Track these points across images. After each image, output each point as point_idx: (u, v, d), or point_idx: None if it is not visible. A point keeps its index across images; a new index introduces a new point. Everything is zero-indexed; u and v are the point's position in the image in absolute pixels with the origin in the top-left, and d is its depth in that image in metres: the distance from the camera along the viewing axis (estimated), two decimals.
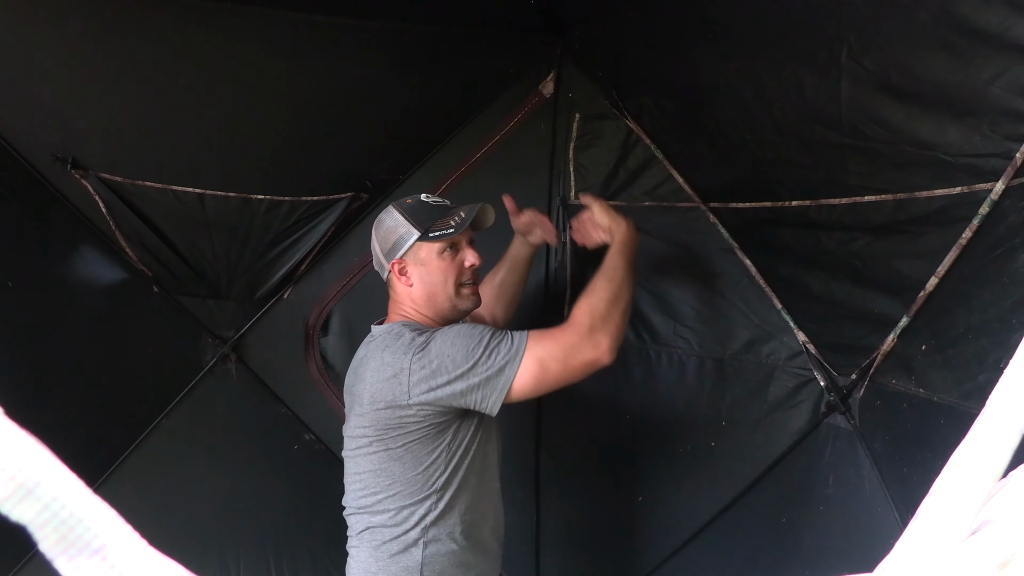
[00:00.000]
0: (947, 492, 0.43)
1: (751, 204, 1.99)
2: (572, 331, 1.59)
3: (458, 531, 1.66)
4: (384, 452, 1.61)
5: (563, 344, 1.57)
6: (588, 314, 1.60)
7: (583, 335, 1.58)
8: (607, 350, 1.58)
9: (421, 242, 1.68)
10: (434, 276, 1.70)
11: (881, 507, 1.72)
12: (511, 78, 2.41)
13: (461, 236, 1.71)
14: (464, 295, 1.73)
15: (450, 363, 1.53)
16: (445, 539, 1.65)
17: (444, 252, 1.69)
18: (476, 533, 1.71)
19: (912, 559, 0.42)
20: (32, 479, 0.34)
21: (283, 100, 2.15)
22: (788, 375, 2.05)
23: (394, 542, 1.64)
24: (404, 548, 1.63)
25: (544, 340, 1.58)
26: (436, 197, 1.77)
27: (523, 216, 2.06)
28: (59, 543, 0.34)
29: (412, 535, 1.63)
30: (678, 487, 2.32)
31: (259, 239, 2.35)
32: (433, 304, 1.72)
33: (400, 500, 1.63)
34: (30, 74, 1.94)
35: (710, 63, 1.87)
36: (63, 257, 2.23)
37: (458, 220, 1.69)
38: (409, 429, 1.59)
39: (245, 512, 2.50)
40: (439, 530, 1.64)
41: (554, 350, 1.56)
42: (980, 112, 1.31)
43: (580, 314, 1.61)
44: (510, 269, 2.14)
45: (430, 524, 1.63)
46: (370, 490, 1.65)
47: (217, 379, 2.46)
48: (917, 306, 1.61)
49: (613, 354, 1.59)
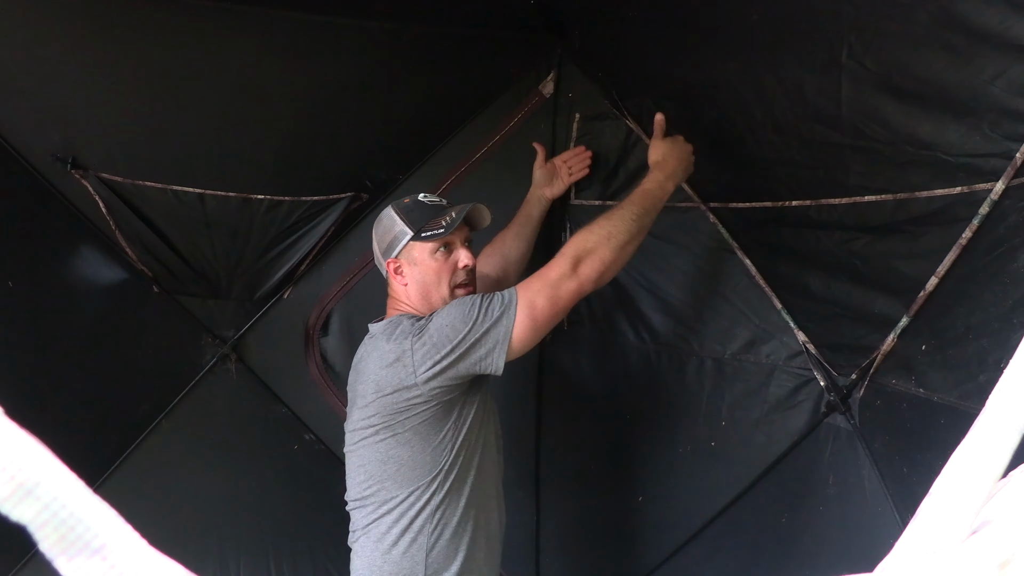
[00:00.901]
0: (947, 492, 0.43)
1: (751, 204, 1.98)
2: (556, 265, 1.64)
3: (462, 516, 1.66)
4: (391, 439, 1.63)
5: (546, 279, 1.62)
6: (574, 246, 1.65)
7: (565, 268, 1.62)
8: (589, 279, 1.63)
9: (414, 242, 1.69)
10: (427, 276, 1.71)
11: (881, 507, 1.72)
12: (511, 78, 2.41)
13: (454, 236, 1.71)
14: (459, 296, 1.73)
15: (450, 332, 1.56)
16: (450, 525, 1.65)
17: (437, 252, 1.70)
18: (480, 518, 1.71)
19: (912, 559, 0.42)
20: (32, 479, 0.34)
21: (283, 100, 2.14)
22: (788, 375, 2.04)
23: (397, 532, 1.63)
24: (407, 538, 1.63)
25: (531, 282, 1.64)
26: (434, 197, 1.77)
27: (549, 164, 2.19)
28: (59, 543, 0.34)
29: (417, 523, 1.63)
30: (678, 487, 2.32)
31: (259, 239, 2.35)
32: (428, 303, 1.73)
33: (407, 485, 1.63)
34: (30, 74, 1.93)
35: (710, 63, 1.87)
36: (63, 257, 2.22)
37: (449, 220, 1.69)
38: (418, 411, 1.60)
39: (245, 512, 2.49)
40: (443, 515, 1.64)
41: (541, 287, 1.61)
42: (980, 112, 1.31)
43: (568, 247, 1.66)
44: (522, 225, 2.20)
45: (435, 509, 1.63)
46: (375, 479, 1.66)
47: (217, 379, 2.45)
48: (917, 306, 1.61)
49: (597, 283, 1.65)
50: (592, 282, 1.64)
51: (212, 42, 2.02)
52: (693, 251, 2.19)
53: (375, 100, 2.25)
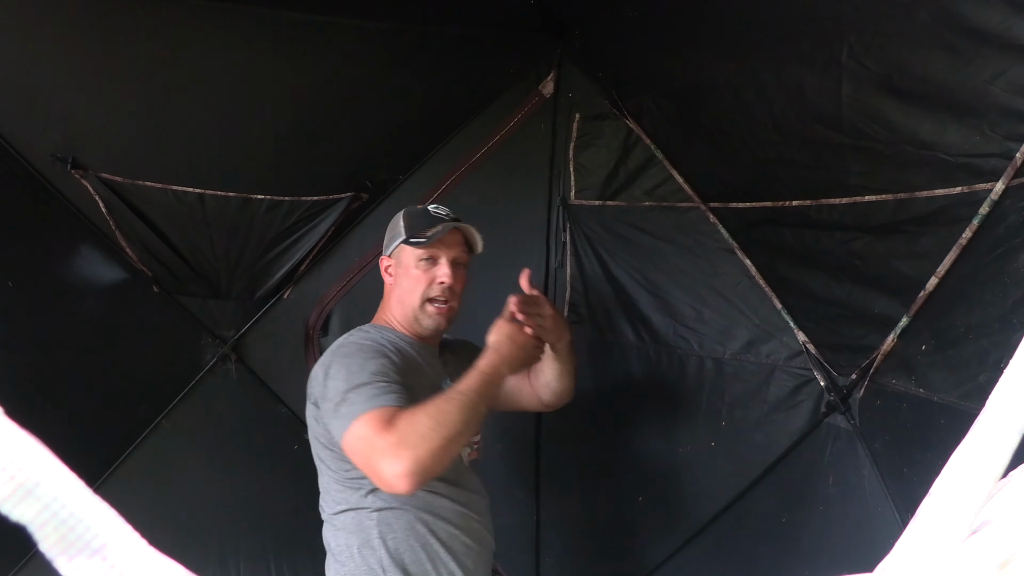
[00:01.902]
0: (947, 492, 0.43)
1: (751, 204, 1.98)
2: (387, 434, 1.37)
3: (411, 527, 1.58)
4: (317, 443, 1.63)
5: (372, 442, 1.39)
6: (409, 423, 1.38)
7: (388, 445, 1.36)
8: (404, 475, 1.34)
9: (404, 245, 1.69)
10: (407, 282, 1.69)
11: (881, 507, 1.72)
12: (511, 78, 2.41)
13: (441, 251, 1.67)
14: (428, 312, 1.68)
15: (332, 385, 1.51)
16: (400, 538, 1.57)
17: (421, 262, 1.68)
18: (439, 525, 1.60)
19: (912, 559, 0.42)
20: (32, 479, 0.34)
21: (283, 100, 2.15)
22: (788, 375, 2.04)
23: (349, 532, 1.60)
24: (360, 532, 1.58)
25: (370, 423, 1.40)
26: (442, 210, 1.74)
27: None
28: (59, 543, 0.34)
29: (362, 515, 1.58)
30: (678, 487, 2.32)
31: (259, 239, 2.35)
32: (402, 308, 1.71)
33: (341, 485, 1.61)
34: (30, 74, 1.94)
35: (710, 63, 1.87)
36: (63, 257, 2.22)
37: (434, 231, 1.65)
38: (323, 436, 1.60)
39: (245, 512, 2.49)
40: (389, 527, 1.57)
41: (365, 443, 1.40)
42: (980, 112, 1.31)
43: (403, 420, 1.39)
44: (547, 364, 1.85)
45: (376, 523, 1.57)
46: (324, 491, 1.66)
47: (217, 379, 2.45)
48: (917, 306, 1.61)
49: (412, 483, 1.34)
50: (407, 479, 1.34)
51: (212, 42, 2.02)
52: (693, 251, 2.19)
53: (375, 100, 2.25)
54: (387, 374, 1.51)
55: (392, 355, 1.59)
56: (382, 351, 1.59)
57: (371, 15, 2.07)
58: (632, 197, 2.30)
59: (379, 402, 1.43)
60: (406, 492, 1.37)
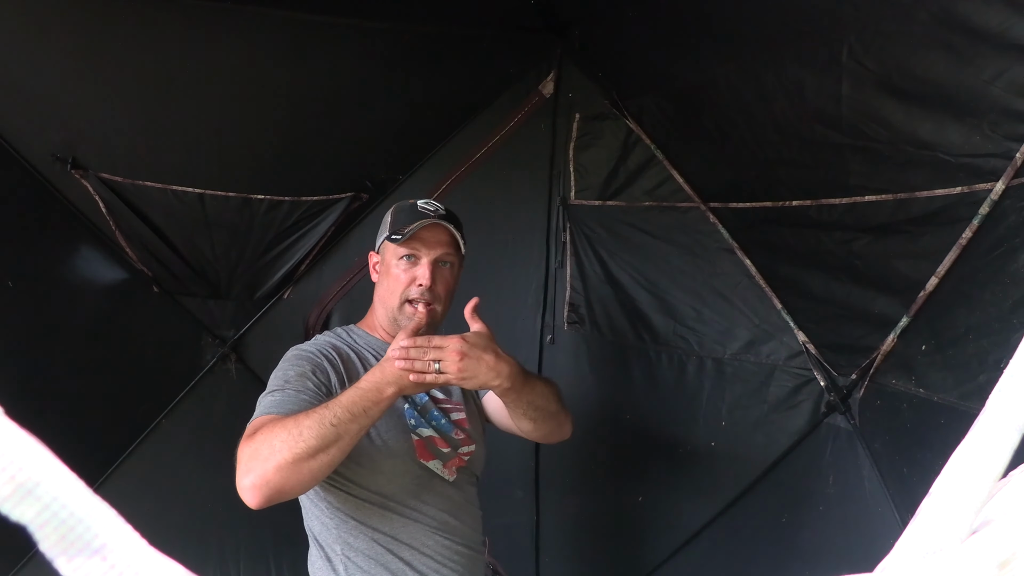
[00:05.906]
0: (947, 492, 0.43)
1: (751, 204, 1.98)
2: (247, 444, 1.31)
3: (373, 541, 1.53)
4: None
5: (239, 450, 1.32)
6: (267, 435, 1.29)
7: (244, 456, 1.30)
8: (248, 488, 1.27)
9: (388, 242, 1.61)
10: (387, 280, 1.62)
11: (881, 507, 1.72)
12: (511, 78, 2.41)
13: (422, 251, 1.58)
14: (407, 314, 1.58)
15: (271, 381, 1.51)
16: (362, 551, 1.52)
17: (401, 260, 1.59)
18: (409, 532, 1.54)
19: (912, 559, 0.42)
20: (32, 479, 0.34)
21: (283, 100, 2.15)
22: (788, 375, 2.04)
23: (317, 546, 1.59)
24: (325, 548, 1.57)
25: (247, 430, 1.35)
26: (430, 205, 1.65)
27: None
28: (59, 543, 0.34)
29: (327, 530, 1.56)
30: (678, 487, 2.32)
31: (259, 239, 2.35)
32: (382, 306, 1.65)
33: (306, 497, 1.58)
34: (30, 74, 1.94)
35: (710, 63, 1.87)
36: (63, 257, 2.22)
37: (410, 228, 1.56)
38: None
39: (245, 512, 2.48)
40: (351, 542, 1.52)
41: (243, 449, 1.32)
42: (980, 112, 1.31)
43: (264, 431, 1.30)
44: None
45: (337, 536, 1.54)
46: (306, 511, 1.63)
47: (217, 379, 2.46)
48: (917, 306, 1.61)
49: (257, 497, 1.27)
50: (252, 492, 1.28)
51: (212, 42, 2.02)
52: (693, 251, 2.19)
53: (375, 100, 2.25)
54: (300, 381, 1.45)
55: (331, 362, 1.54)
56: (314, 359, 1.54)
57: (371, 15, 2.07)
58: (632, 197, 2.30)
59: (264, 409, 1.40)
60: (255, 506, 1.28)
